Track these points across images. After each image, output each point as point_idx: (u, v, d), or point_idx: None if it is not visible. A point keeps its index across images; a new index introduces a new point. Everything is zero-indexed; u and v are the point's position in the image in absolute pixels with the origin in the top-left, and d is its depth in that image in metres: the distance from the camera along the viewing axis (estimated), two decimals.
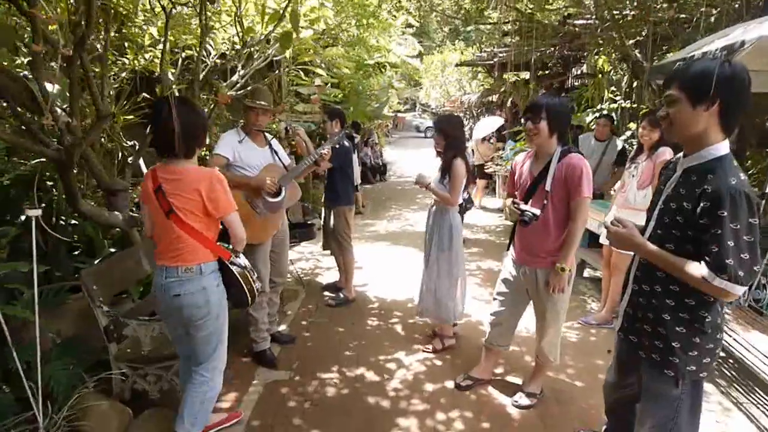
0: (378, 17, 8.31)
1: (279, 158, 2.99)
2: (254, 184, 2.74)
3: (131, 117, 4.16)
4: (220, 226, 2.06)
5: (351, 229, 4.06)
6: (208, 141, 3.26)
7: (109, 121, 2.84)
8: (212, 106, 4.17)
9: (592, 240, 4.33)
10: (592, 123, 6.90)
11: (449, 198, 3.03)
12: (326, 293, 4.32)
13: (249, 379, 2.88)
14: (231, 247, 2.09)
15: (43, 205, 2.79)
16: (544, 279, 2.35)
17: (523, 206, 2.26)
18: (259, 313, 3.02)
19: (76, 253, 3.39)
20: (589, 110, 6.86)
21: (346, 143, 3.94)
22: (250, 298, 2.10)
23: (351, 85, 9.25)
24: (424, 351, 3.23)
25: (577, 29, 7.49)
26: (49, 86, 3.57)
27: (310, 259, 5.44)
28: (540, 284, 2.37)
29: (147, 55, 4.57)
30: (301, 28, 4.43)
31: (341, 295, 4.08)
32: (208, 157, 3.08)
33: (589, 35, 6.77)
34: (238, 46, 4.26)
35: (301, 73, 7.25)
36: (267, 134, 2.99)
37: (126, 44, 4.54)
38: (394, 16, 8.28)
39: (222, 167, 2.73)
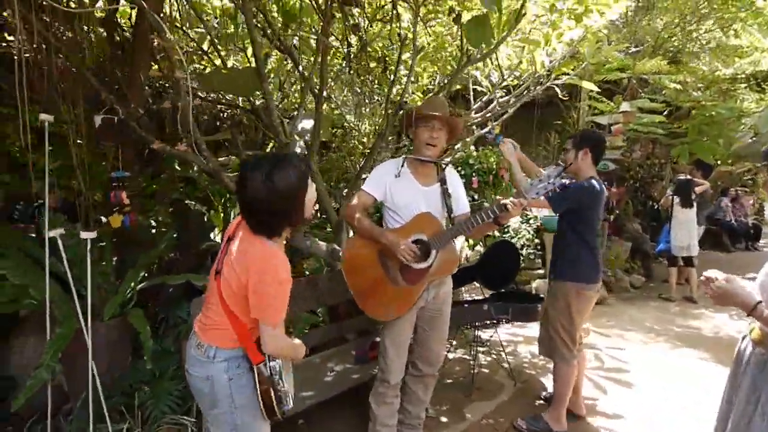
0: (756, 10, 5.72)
1: (448, 202, 2.15)
2: (385, 243, 2.04)
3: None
4: None
5: (577, 324, 2.54)
6: None
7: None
8: None
9: None
10: None
11: None
12: (542, 402, 2.95)
13: None
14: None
15: None
16: None
17: None
18: (380, 409, 2.22)
19: None
20: None
21: (594, 184, 2.52)
22: (264, 411, 1.47)
23: (698, 110, 6.75)
24: None
25: None
26: (304, 123, 4.07)
27: None
28: None
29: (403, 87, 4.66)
30: (566, 27, 3.34)
31: (543, 420, 2.63)
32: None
33: None
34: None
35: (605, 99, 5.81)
36: (440, 164, 2.21)
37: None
38: None
39: (365, 208, 2.17)
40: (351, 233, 3.60)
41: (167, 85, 3.58)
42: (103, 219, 2.88)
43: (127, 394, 2.34)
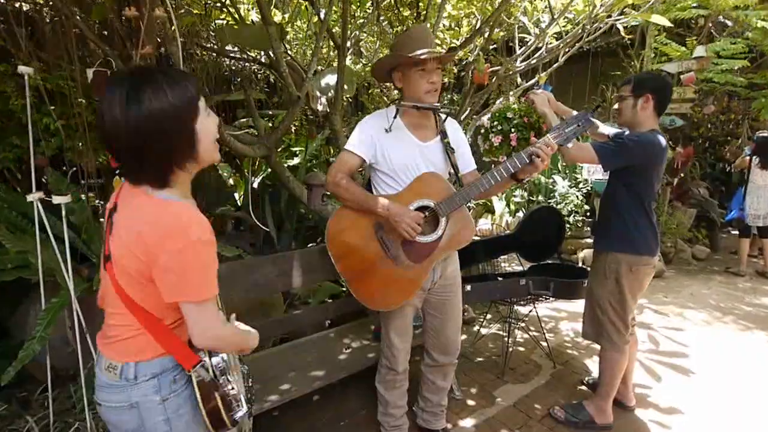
0: None
1: (452, 159, 1.75)
2: (383, 215, 1.65)
3: None
4: None
5: (630, 305, 2.14)
6: None
7: (298, 107, 2.52)
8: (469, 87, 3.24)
9: None
10: None
11: None
12: (584, 388, 2.63)
13: None
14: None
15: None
16: None
17: None
18: (390, 393, 1.99)
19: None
20: None
21: (660, 138, 2.05)
22: (210, 427, 1.08)
23: None
24: None
25: None
26: (328, 78, 3.74)
27: None
28: None
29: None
30: None
31: (585, 411, 2.30)
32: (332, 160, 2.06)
33: None
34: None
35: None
36: (441, 114, 1.79)
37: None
38: None
39: (351, 173, 1.75)
40: None
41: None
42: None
43: None
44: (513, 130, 2.57)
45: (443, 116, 1.78)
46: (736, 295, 4.27)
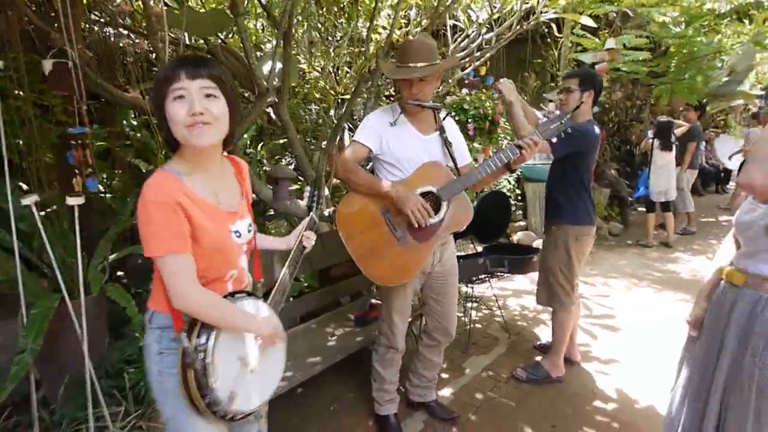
0: None
1: (450, 151, 2.10)
2: (393, 197, 1.95)
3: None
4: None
5: (576, 270, 2.70)
6: None
7: (268, 99, 2.71)
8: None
9: None
10: None
11: None
12: (535, 351, 3.19)
13: None
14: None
15: None
16: None
17: None
18: (386, 370, 2.31)
19: None
20: None
21: (596, 128, 2.64)
22: (185, 395, 1.19)
23: (680, 48, 6.92)
24: None
25: None
26: (268, 65, 3.87)
27: None
28: None
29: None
30: None
31: (542, 368, 2.85)
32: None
33: None
34: None
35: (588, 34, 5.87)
36: (439, 111, 2.13)
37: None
38: None
39: (361, 161, 2.07)
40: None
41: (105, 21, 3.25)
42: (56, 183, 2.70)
43: (112, 376, 2.31)
44: (470, 120, 3.00)
45: (445, 116, 2.15)
46: (647, 264, 5.24)
